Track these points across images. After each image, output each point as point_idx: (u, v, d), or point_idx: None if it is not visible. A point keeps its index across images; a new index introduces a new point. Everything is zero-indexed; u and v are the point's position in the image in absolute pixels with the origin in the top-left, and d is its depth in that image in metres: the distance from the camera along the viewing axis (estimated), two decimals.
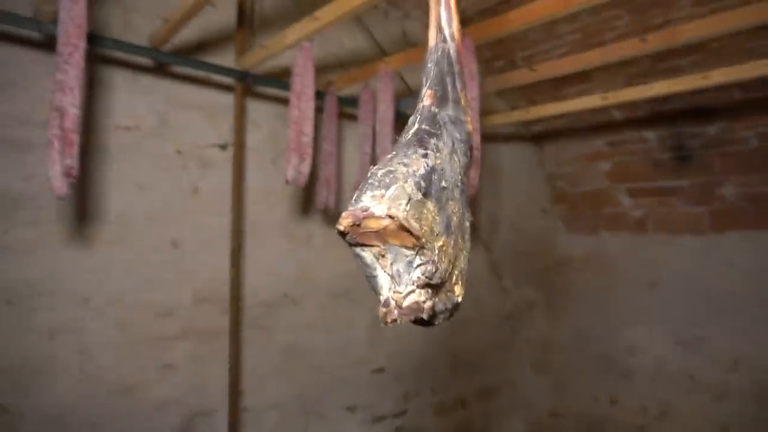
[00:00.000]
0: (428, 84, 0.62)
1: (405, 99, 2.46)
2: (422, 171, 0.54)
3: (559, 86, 3.18)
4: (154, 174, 2.22)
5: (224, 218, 2.35)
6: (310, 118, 1.75)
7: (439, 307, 0.59)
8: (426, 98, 0.61)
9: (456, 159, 0.61)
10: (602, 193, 3.62)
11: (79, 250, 2.07)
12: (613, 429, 3.38)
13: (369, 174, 0.53)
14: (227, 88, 2.35)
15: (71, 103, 1.22)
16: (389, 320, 0.55)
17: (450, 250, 0.58)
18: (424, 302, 0.56)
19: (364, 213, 0.49)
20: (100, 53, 2.05)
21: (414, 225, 0.51)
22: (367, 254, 0.55)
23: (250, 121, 2.42)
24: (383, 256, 0.55)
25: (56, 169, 1.21)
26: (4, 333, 1.91)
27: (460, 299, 0.63)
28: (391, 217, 0.49)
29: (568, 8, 1.48)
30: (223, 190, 2.35)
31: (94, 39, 1.82)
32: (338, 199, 2.25)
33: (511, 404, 3.51)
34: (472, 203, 1.62)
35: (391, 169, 0.53)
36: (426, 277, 0.54)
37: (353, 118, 2.49)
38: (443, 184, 0.57)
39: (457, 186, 0.61)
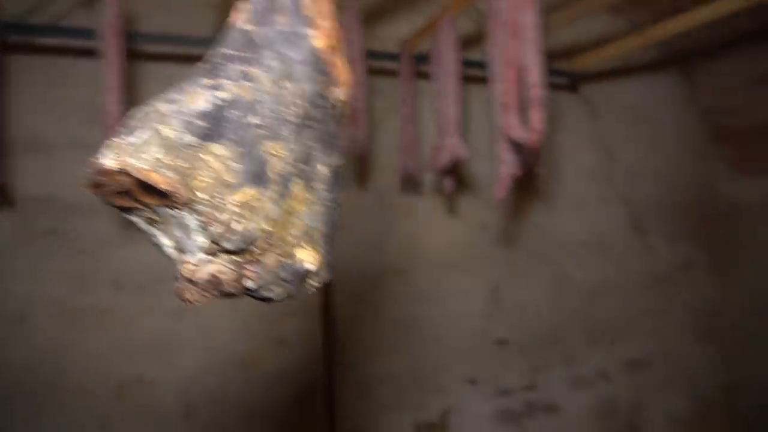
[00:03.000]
0: None
1: None
2: (201, 107, 0.43)
3: None
4: None
5: None
6: (361, 82, 1.65)
7: (265, 278, 0.47)
8: (235, 13, 0.48)
9: (290, 86, 0.48)
10: None
11: None
12: None
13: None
14: None
15: (112, 101, 1.31)
16: (186, 297, 0.45)
17: (266, 204, 0.45)
18: (222, 274, 0.44)
19: (95, 169, 0.39)
20: None
21: (157, 177, 0.39)
22: (137, 219, 0.45)
23: None
24: (154, 220, 0.44)
25: None
26: (138, 316, 2.17)
27: (312, 266, 0.50)
28: (123, 171, 0.39)
29: None
30: None
31: None
32: (420, 165, 2.12)
33: (668, 378, 3.06)
34: (542, 154, 1.38)
35: (147, 109, 0.42)
36: (212, 241, 0.43)
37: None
38: (254, 120, 0.44)
39: (288, 121, 0.47)
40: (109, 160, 0.39)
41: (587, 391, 2.90)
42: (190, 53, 2.17)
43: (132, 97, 2.07)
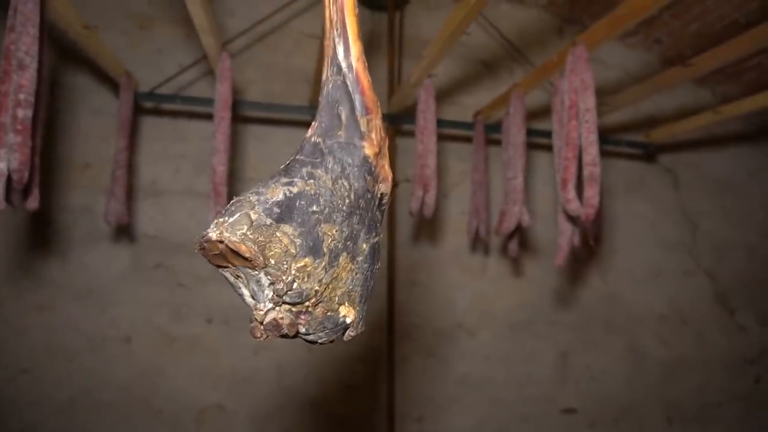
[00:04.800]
0: (315, 116, 0.67)
1: None
2: (278, 198, 0.59)
3: None
4: None
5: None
6: (433, 151, 1.81)
7: (313, 325, 0.61)
8: (308, 131, 0.65)
9: (345, 184, 0.63)
10: None
11: None
12: None
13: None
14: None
15: (219, 162, 1.55)
16: (257, 335, 0.60)
17: (319, 271, 0.60)
18: (282, 319, 0.59)
19: (203, 238, 0.56)
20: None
21: (243, 247, 0.55)
22: (228, 274, 0.61)
23: (408, 156, 2.55)
24: (239, 275, 0.60)
25: (211, 216, 1.55)
26: (222, 348, 2.39)
27: (348, 320, 0.64)
28: (221, 241, 0.55)
29: None
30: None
31: None
32: (489, 227, 2.21)
33: None
34: (597, 224, 1.44)
35: (241, 198, 0.59)
36: (277, 295, 0.58)
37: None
38: (315, 208, 0.60)
39: (339, 210, 0.62)
40: (213, 233, 0.56)
41: None
42: (284, 118, 2.45)
43: (235, 152, 2.38)
